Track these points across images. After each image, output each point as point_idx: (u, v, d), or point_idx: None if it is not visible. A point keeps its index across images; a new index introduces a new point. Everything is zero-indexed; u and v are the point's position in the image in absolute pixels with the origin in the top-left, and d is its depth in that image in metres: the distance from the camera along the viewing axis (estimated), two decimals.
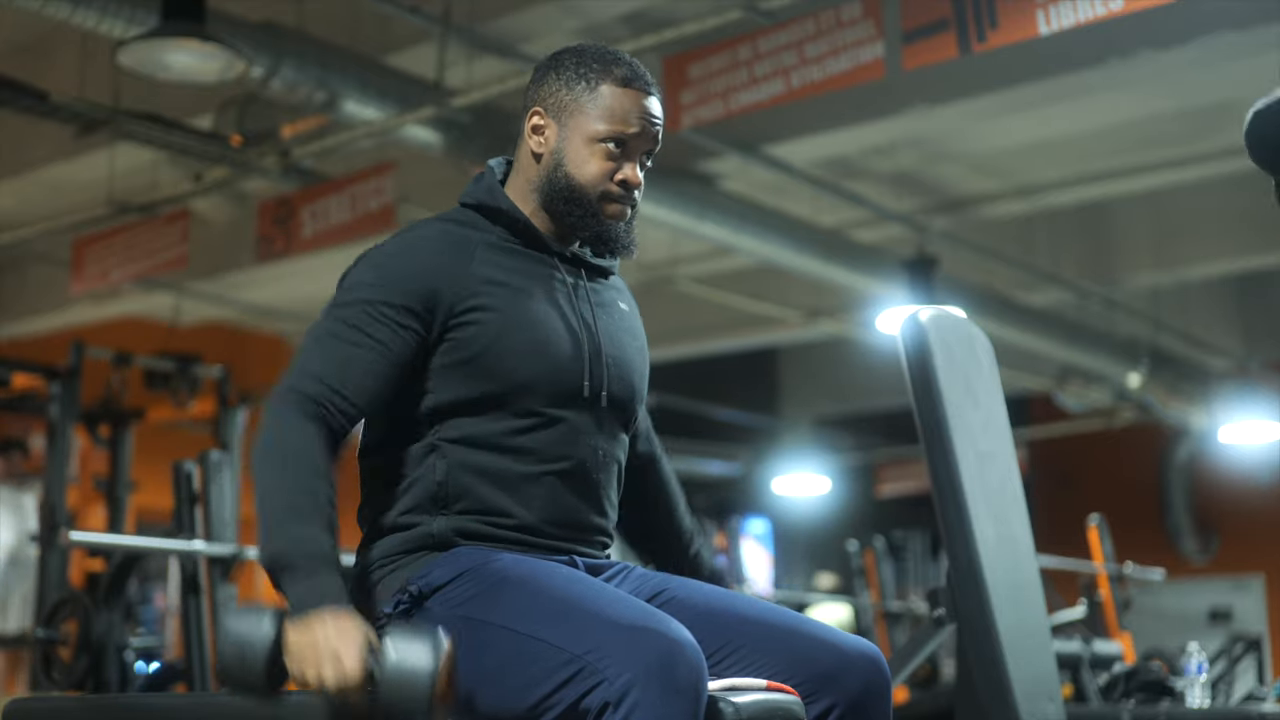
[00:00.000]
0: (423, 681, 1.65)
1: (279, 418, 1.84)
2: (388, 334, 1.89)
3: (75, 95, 6.18)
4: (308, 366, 1.88)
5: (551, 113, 2.01)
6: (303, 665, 1.67)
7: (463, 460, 1.93)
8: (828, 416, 13.56)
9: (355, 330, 1.89)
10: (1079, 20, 4.30)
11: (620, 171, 2.00)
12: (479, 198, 2.04)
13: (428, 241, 1.97)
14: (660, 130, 2.04)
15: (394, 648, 1.68)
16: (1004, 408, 3.12)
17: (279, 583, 1.75)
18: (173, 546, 4.27)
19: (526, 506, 1.93)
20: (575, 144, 1.99)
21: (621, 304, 2.13)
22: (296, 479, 1.79)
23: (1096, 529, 6.40)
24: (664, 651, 1.67)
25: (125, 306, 9.32)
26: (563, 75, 2.02)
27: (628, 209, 2.03)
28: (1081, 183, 7.89)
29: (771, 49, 5.11)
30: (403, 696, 1.66)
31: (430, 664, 1.66)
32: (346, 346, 1.89)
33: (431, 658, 1.67)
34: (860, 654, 1.91)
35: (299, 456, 1.81)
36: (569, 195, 2.00)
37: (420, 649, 1.67)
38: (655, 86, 2.04)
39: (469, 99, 5.92)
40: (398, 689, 1.66)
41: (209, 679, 4.26)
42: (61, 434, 6.38)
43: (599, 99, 1.99)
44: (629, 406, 2.06)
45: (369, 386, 1.88)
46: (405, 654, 1.67)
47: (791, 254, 7.73)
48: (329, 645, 1.66)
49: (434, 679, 1.66)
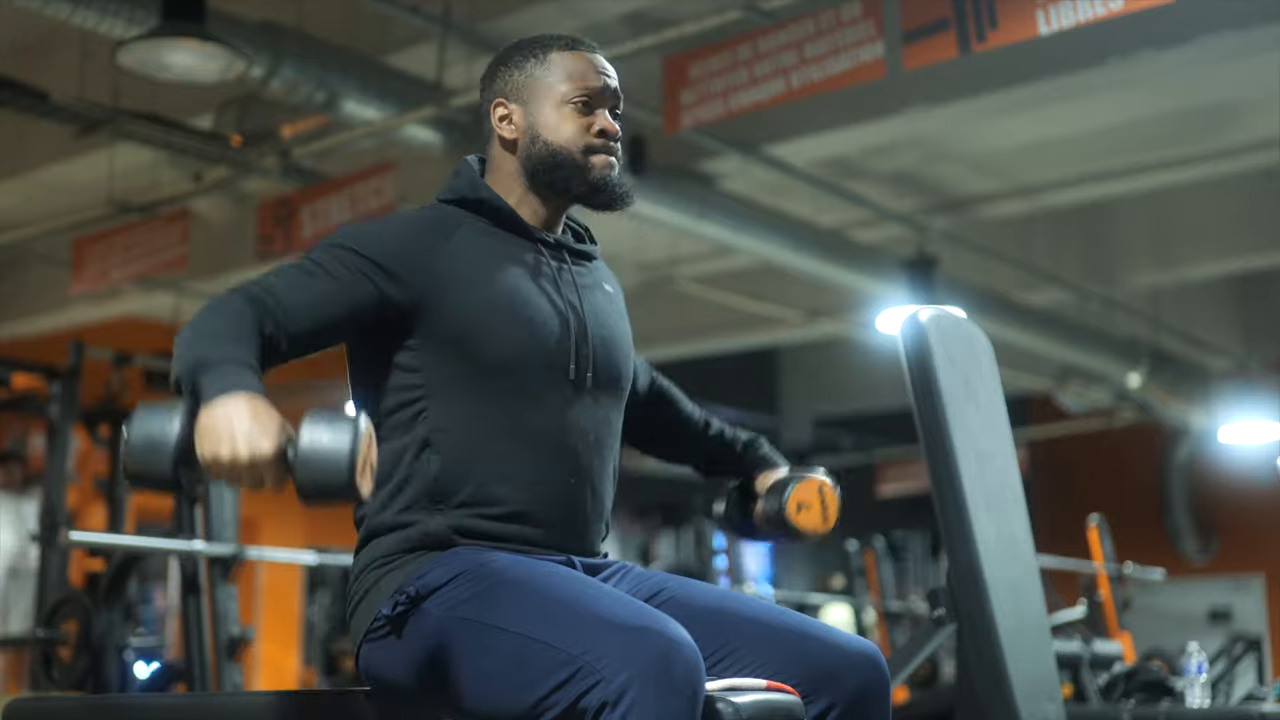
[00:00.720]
0: (341, 461, 1.60)
1: (212, 301, 1.81)
2: (348, 276, 1.88)
3: (75, 95, 6.18)
4: (260, 279, 1.87)
5: (513, 98, 2.05)
6: (216, 444, 1.61)
7: (456, 453, 1.92)
8: (828, 416, 13.56)
9: (316, 265, 1.89)
10: (1079, 20, 4.30)
11: (595, 123, 2.03)
12: (460, 191, 2.05)
13: (407, 219, 2.00)
14: (617, 84, 2.07)
15: (310, 428, 1.62)
16: (1004, 408, 3.12)
17: (195, 386, 1.68)
18: (173, 546, 4.28)
19: (520, 492, 1.93)
20: (545, 113, 2.03)
21: (606, 285, 2.13)
22: (221, 334, 1.75)
23: (1096, 529, 6.40)
24: (661, 651, 1.67)
25: (125, 306, 9.32)
26: (511, 63, 2.06)
27: (612, 159, 2.05)
28: (1081, 183, 7.89)
29: (771, 49, 5.11)
30: (320, 478, 1.60)
31: (348, 442, 1.61)
32: (300, 274, 1.88)
33: (350, 436, 1.61)
34: (860, 654, 1.90)
35: (228, 323, 1.77)
36: (553, 160, 2.02)
37: (339, 428, 1.62)
38: (597, 47, 2.09)
39: (469, 99, 5.91)
40: (315, 470, 1.60)
41: (209, 679, 4.26)
42: (61, 434, 6.38)
43: (553, 66, 2.04)
44: (617, 386, 2.07)
45: (311, 310, 1.85)
46: (322, 435, 1.61)
47: (791, 254, 7.73)
48: (243, 423, 1.61)
49: (353, 459, 1.61)
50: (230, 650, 4.32)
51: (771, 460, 2.31)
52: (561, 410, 1.96)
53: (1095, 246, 9.18)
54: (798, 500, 2.22)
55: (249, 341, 1.75)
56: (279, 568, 10.47)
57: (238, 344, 1.74)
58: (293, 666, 11.13)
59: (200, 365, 1.69)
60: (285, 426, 1.64)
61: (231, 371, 1.68)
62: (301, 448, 1.61)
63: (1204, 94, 6.71)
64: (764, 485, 2.28)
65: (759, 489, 2.29)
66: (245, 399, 1.64)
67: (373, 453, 1.67)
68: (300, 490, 1.63)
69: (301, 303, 1.85)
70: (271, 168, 6.71)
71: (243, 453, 1.61)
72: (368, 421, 1.65)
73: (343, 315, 1.88)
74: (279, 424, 1.64)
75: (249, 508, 7.40)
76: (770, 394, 13.47)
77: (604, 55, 2.09)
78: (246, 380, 1.68)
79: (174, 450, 1.63)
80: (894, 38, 4.76)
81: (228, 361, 1.70)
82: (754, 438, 2.33)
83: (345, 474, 1.60)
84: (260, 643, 10.30)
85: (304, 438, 1.62)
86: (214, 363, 1.69)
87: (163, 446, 1.63)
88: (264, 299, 1.82)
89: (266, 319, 1.81)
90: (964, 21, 4.52)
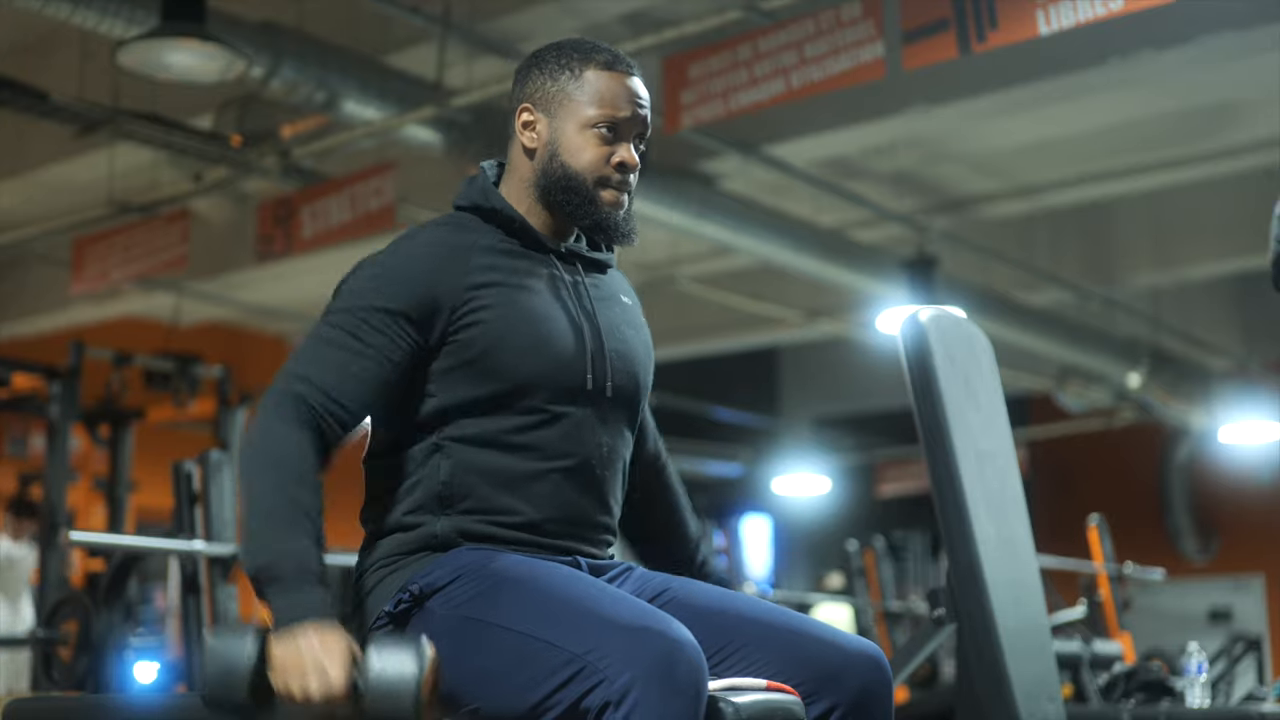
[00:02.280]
0: (407, 691, 1.66)
1: (269, 421, 1.83)
2: (383, 341, 1.89)
3: (75, 95, 6.18)
4: (301, 370, 1.87)
5: (540, 107, 2.02)
6: (287, 678, 1.67)
7: (466, 460, 1.92)
8: (828, 416, 13.56)
9: (351, 336, 1.88)
10: (1079, 20, 4.30)
11: (615, 154, 2.01)
12: (473, 199, 2.04)
13: (424, 248, 1.96)
14: (649, 113, 2.04)
15: (378, 658, 1.68)
16: (1004, 408, 3.11)
17: (263, 594, 1.74)
18: (173, 546, 4.27)
19: (530, 504, 1.93)
20: (569, 132, 2.00)
21: (624, 297, 2.12)
22: (284, 487, 1.79)
23: (1096, 529, 6.40)
24: (664, 651, 1.67)
25: (125, 306, 9.33)
26: (546, 69, 2.03)
27: (624, 195, 2.03)
28: (1081, 183, 7.89)
29: (771, 49, 5.11)
30: (388, 707, 1.66)
31: (414, 673, 1.66)
32: (341, 352, 1.88)
33: (416, 667, 1.67)
34: (861, 654, 1.90)
35: (287, 463, 1.80)
36: (566, 184, 2.00)
37: (404, 658, 1.67)
38: (636, 68, 2.05)
39: (469, 99, 5.92)
40: (383, 700, 1.66)
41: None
42: (61, 434, 6.39)
43: (586, 85, 2.00)
44: (634, 399, 2.06)
45: (363, 393, 1.87)
46: (389, 664, 1.67)
47: (791, 254, 7.73)
48: (314, 657, 1.67)
49: (418, 688, 1.66)
50: None
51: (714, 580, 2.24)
52: (576, 423, 1.96)
53: (1095, 246, 9.18)
54: None
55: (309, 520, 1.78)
56: None
57: (300, 529, 1.77)
58: None
59: (267, 575, 1.74)
60: (355, 654, 1.69)
61: (299, 587, 1.73)
62: (370, 678, 1.67)
63: (1204, 94, 6.71)
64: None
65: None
66: (315, 631, 1.69)
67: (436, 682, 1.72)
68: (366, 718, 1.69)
69: (350, 389, 1.87)
70: (271, 168, 6.71)
71: (315, 689, 1.66)
72: (432, 649, 1.70)
73: (389, 384, 1.90)
74: (347, 656, 1.68)
75: None
76: (770, 394, 13.47)
77: (640, 78, 2.05)
78: (313, 600, 1.72)
79: (248, 679, 1.69)
80: (894, 38, 4.76)
81: (294, 572, 1.74)
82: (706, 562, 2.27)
83: (411, 706, 1.66)
84: None
85: (372, 667, 1.68)
86: (281, 575, 1.73)
87: (238, 674, 1.69)
88: (314, 405, 1.85)
89: (326, 429, 1.85)
90: (964, 21, 4.52)
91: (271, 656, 1.69)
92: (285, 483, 1.79)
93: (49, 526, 6.09)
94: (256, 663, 1.69)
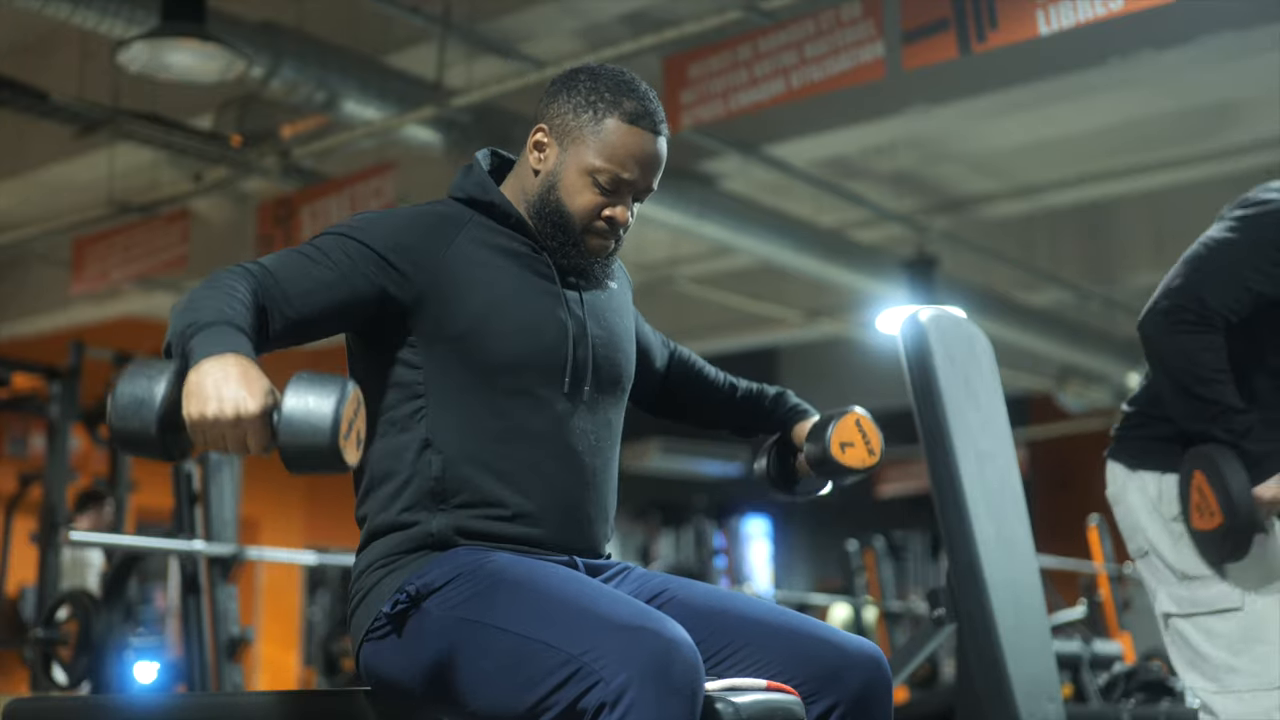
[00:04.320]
0: (325, 421, 1.56)
1: (215, 273, 1.80)
2: (349, 266, 1.87)
3: (75, 95, 6.18)
4: (262, 260, 1.86)
5: (555, 134, 1.99)
6: (200, 403, 1.58)
7: (458, 453, 1.92)
8: None
9: (319, 251, 1.88)
10: (1079, 20, 4.30)
11: (610, 208, 1.98)
12: (469, 191, 2.03)
13: (413, 211, 1.98)
14: (659, 173, 2.02)
15: (296, 388, 1.58)
16: (1004, 408, 3.12)
17: (186, 347, 1.65)
18: (173, 546, 4.27)
19: (524, 496, 1.93)
20: (571, 172, 1.98)
21: (610, 282, 2.11)
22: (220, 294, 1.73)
23: (1096, 529, 6.40)
24: (660, 652, 1.67)
25: (125, 306, 9.33)
26: (573, 98, 1.99)
27: (610, 243, 2.02)
28: (1081, 183, 7.90)
29: (771, 49, 5.11)
30: (304, 439, 1.57)
31: (333, 405, 1.57)
32: (304, 260, 1.87)
33: (336, 399, 1.58)
34: (861, 654, 1.90)
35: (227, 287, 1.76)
36: (556, 220, 1.99)
37: (324, 390, 1.58)
38: (664, 124, 2.01)
39: (469, 99, 5.92)
40: (299, 430, 1.56)
41: (209, 679, 4.26)
42: (61, 434, 6.38)
43: (603, 134, 1.96)
44: (617, 386, 2.06)
45: (313, 297, 1.84)
46: (307, 395, 1.57)
47: (791, 254, 7.74)
48: (228, 383, 1.59)
49: (337, 419, 1.57)
50: (230, 650, 4.32)
51: (803, 410, 2.30)
52: (561, 413, 1.96)
53: (1095, 246, 9.18)
54: (840, 440, 2.20)
55: (244, 310, 1.74)
56: (279, 568, 10.46)
57: (232, 310, 1.72)
58: (293, 666, 11.13)
59: (191, 327, 1.67)
60: (273, 389, 1.61)
61: (222, 333, 1.66)
62: (285, 410, 1.58)
63: (1204, 94, 6.71)
64: (801, 434, 2.27)
65: (797, 439, 2.28)
66: (234, 360, 1.62)
67: (361, 418, 1.63)
68: (283, 454, 1.59)
69: (301, 287, 1.84)
70: (271, 168, 6.71)
71: (228, 413, 1.58)
72: (355, 386, 1.62)
73: (340, 304, 1.87)
74: (266, 385, 1.60)
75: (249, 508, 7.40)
76: None
77: (665, 135, 2.01)
78: (237, 342, 1.65)
79: (159, 409, 1.58)
80: (894, 38, 4.76)
81: (220, 323, 1.68)
82: (781, 391, 2.32)
83: (329, 438, 1.56)
84: (260, 643, 10.31)
85: (288, 400, 1.58)
86: (206, 325, 1.67)
87: (149, 406, 1.58)
88: (263, 278, 1.82)
89: (264, 296, 1.80)
90: (964, 21, 4.52)
91: (185, 385, 1.60)
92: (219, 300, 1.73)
93: (49, 526, 6.08)
94: (171, 393, 1.59)
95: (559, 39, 6.15)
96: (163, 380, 1.60)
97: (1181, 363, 2.55)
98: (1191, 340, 2.53)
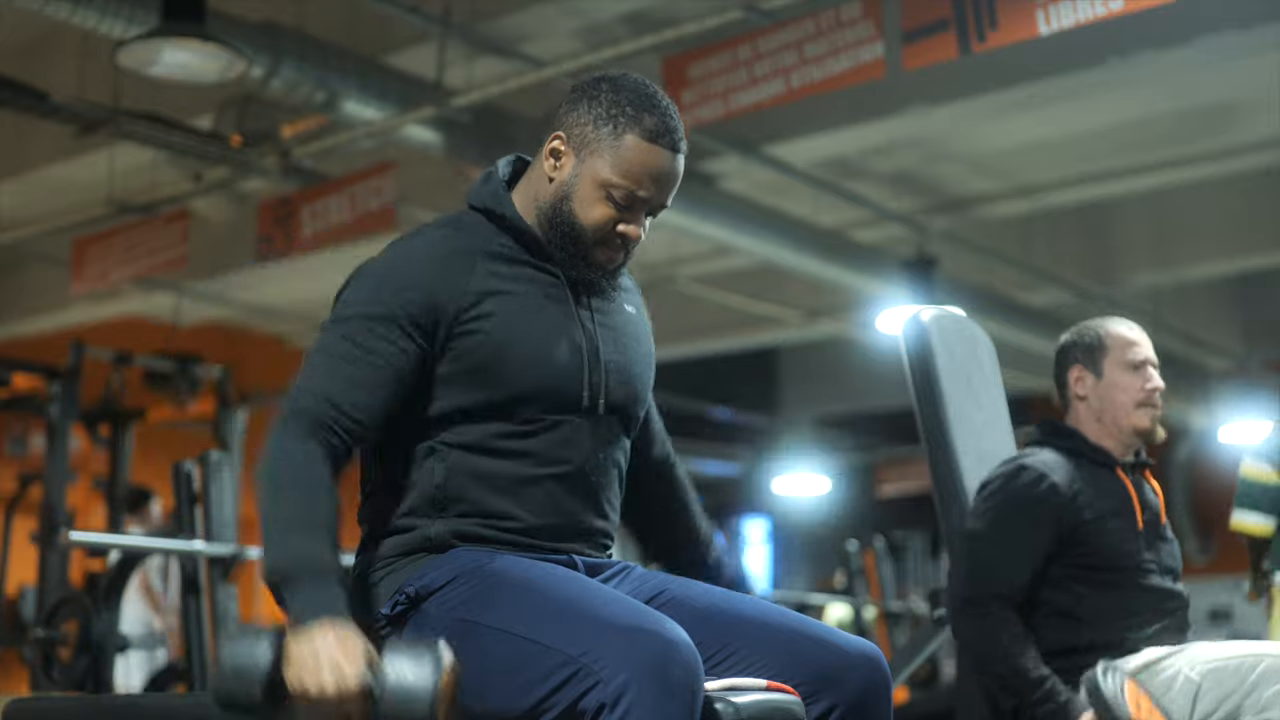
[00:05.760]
0: (424, 697, 1.64)
1: (281, 440, 1.84)
2: (388, 349, 1.88)
3: (75, 95, 6.18)
4: (309, 385, 1.87)
5: (573, 143, 1.97)
6: (302, 675, 1.66)
7: (461, 464, 1.92)
8: (828, 416, 13.55)
9: (355, 346, 1.88)
10: (1079, 20, 4.30)
11: (624, 224, 1.97)
12: (485, 201, 2.02)
13: (425, 251, 1.95)
14: (671, 195, 2.00)
15: (394, 661, 1.66)
16: (1006, 408, 3.12)
17: (281, 597, 1.73)
18: (173, 546, 4.27)
19: (524, 509, 1.93)
20: (586, 184, 1.95)
21: (628, 306, 2.10)
22: (299, 496, 1.79)
23: None
24: (659, 652, 1.67)
25: (125, 306, 9.32)
26: (594, 109, 1.96)
27: (620, 256, 2.01)
28: (1081, 183, 7.89)
29: (771, 49, 5.11)
30: (404, 711, 1.64)
31: (431, 680, 1.65)
32: (346, 364, 1.87)
33: (433, 673, 1.65)
34: (861, 654, 1.90)
35: (301, 473, 1.81)
36: (567, 231, 1.97)
37: (421, 663, 1.66)
38: (683, 141, 1.99)
39: (469, 99, 5.92)
40: (399, 703, 1.64)
41: (209, 679, 4.26)
42: (61, 434, 6.38)
43: (621, 148, 1.93)
44: (629, 412, 2.05)
45: (371, 403, 1.87)
46: (406, 668, 1.66)
47: (791, 254, 7.73)
48: (329, 654, 1.66)
49: (435, 695, 1.64)
50: None
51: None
52: (570, 432, 1.96)
53: (1095, 246, 9.18)
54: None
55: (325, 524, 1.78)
56: None
57: (316, 532, 1.77)
58: None
59: (282, 577, 1.74)
60: (371, 657, 1.68)
61: (316, 587, 1.72)
62: (386, 684, 1.66)
63: (1204, 94, 6.71)
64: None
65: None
66: (331, 629, 1.68)
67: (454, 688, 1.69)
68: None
69: (358, 399, 1.86)
70: (271, 168, 6.71)
71: (330, 689, 1.65)
72: (450, 656, 1.68)
73: (396, 391, 1.89)
74: (364, 657, 1.67)
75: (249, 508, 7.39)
76: (770, 394, 13.46)
77: (683, 153, 1.97)
78: (330, 598, 1.72)
79: (263, 680, 1.67)
80: (894, 38, 4.76)
81: (310, 573, 1.73)
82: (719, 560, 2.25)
83: (427, 711, 1.64)
84: None
85: (389, 673, 1.66)
86: (297, 575, 1.73)
87: (252, 675, 1.67)
88: (326, 420, 1.84)
89: (336, 441, 1.85)
90: (964, 21, 4.52)
91: (287, 655, 1.68)
92: (299, 492, 1.79)
93: (49, 526, 6.08)
94: (272, 663, 1.68)
95: (559, 39, 6.14)
96: (265, 646, 1.69)
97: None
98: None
